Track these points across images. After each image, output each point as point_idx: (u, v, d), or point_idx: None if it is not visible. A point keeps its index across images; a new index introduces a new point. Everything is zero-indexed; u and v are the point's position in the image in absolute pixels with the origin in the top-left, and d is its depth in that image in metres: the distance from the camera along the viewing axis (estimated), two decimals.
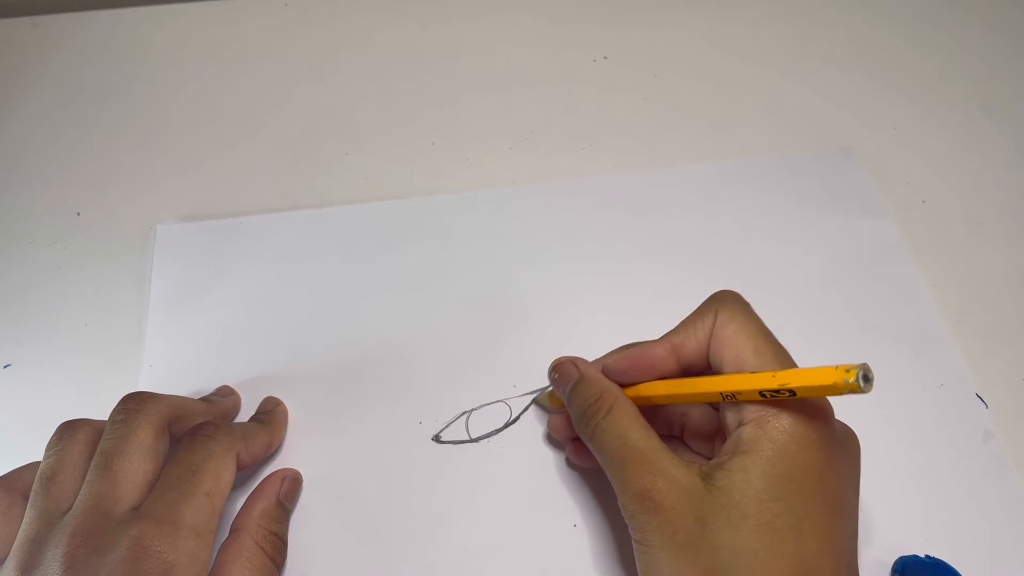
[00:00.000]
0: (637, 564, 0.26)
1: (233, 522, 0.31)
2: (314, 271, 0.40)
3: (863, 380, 0.22)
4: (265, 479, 0.33)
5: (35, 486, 0.28)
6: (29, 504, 0.28)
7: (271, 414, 0.35)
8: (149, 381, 0.37)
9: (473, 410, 0.36)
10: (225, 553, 0.29)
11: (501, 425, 0.35)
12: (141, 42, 0.52)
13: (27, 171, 0.46)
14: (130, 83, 0.50)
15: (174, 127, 0.47)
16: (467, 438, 0.35)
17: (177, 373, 0.37)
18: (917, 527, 0.33)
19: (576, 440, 0.33)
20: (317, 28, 0.52)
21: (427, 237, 0.41)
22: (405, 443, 0.35)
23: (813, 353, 0.28)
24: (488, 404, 0.36)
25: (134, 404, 0.29)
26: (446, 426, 0.35)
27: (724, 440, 0.26)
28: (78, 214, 0.44)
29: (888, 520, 0.33)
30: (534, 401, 0.36)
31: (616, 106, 0.47)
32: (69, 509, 0.27)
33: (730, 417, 0.26)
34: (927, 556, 0.32)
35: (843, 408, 0.27)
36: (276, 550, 0.30)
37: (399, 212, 0.42)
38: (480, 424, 0.35)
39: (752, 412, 0.25)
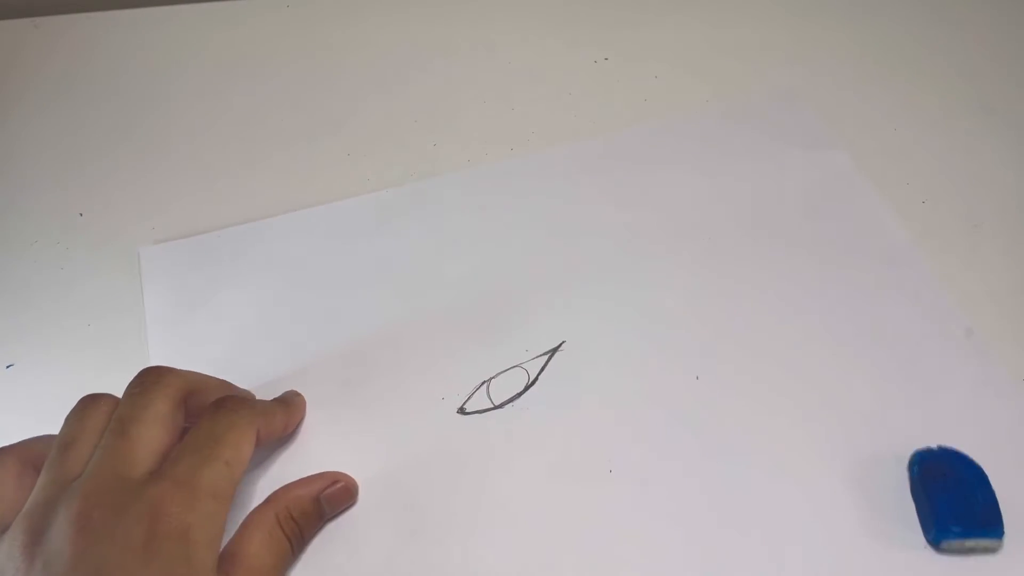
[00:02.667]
0: None
1: (271, 493, 0.31)
2: (316, 267, 0.41)
3: None
4: (320, 473, 0.32)
5: (52, 453, 0.28)
6: (44, 470, 0.28)
7: (289, 399, 0.35)
8: None
9: (492, 379, 0.36)
10: (251, 517, 0.30)
11: (522, 388, 0.36)
12: (141, 42, 0.52)
13: (28, 171, 0.46)
14: (130, 83, 0.50)
15: (174, 127, 0.47)
16: (491, 405, 0.36)
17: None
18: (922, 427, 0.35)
19: None
20: (318, 29, 0.52)
21: (420, 222, 0.42)
22: (431, 420, 0.35)
23: (797, 279, 0.37)
24: (505, 371, 0.37)
25: (151, 377, 0.29)
26: (468, 397, 0.36)
27: None
28: (80, 214, 0.44)
29: (889, 421, 0.35)
30: None
31: (617, 107, 0.47)
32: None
33: None
34: (939, 447, 0.33)
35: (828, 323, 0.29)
36: (293, 535, 0.30)
37: (396, 199, 0.43)
38: (501, 391, 0.36)
39: None
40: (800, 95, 0.47)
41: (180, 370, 0.30)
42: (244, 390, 0.35)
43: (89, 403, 0.29)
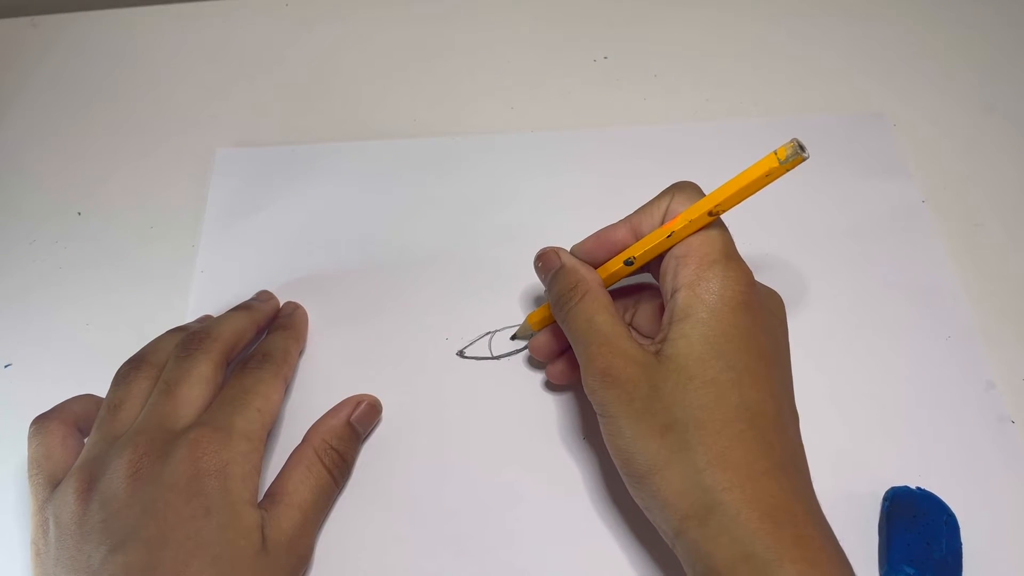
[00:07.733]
0: (604, 437, 0.28)
1: (306, 432, 0.33)
2: (359, 198, 0.43)
3: (799, 150, 0.25)
4: (343, 401, 0.35)
5: (101, 414, 0.31)
6: (94, 429, 0.30)
7: (291, 318, 0.37)
8: (201, 286, 0.40)
9: (496, 331, 0.38)
10: (290, 458, 0.32)
11: (521, 346, 0.38)
12: (141, 42, 0.52)
13: (27, 171, 0.46)
14: (130, 83, 0.50)
15: (174, 127, 0.47)
16: (489, 355, 0.37)
17: (227, 279, 0.40)
18: (912, 463, 0.34)
19: (555, 360, 0.35)
20: (317, 28, 0.52)
21: (461, 173, 0.44)
22: (430, 354, 0.38)
23: (830, 300, 0.38)
24: (511, 327, 0.38)
25: (195, 343, 0.32)
26: (470, 343, 0.38)
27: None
28: (79, 214, 0.44)
29: (884, 454, 0.34)
30: (514, 337, 0.38)
31: (616, 106, 0.47)
32: None
33: (668, 284, 0.29)
34: (918, 488, 0.32)
35: (855, 346, 0.36)
36: (335, 464, 0.33)
37: (439, 148, 0.45)
38: (502, 346, 0.38)
39: (685, 277, 0.28)
40: (889, 121, 0.45)
41: (220, 334, 0.33)
42: (269, 308, 0.37)
43: (133, 370, 0.32)
